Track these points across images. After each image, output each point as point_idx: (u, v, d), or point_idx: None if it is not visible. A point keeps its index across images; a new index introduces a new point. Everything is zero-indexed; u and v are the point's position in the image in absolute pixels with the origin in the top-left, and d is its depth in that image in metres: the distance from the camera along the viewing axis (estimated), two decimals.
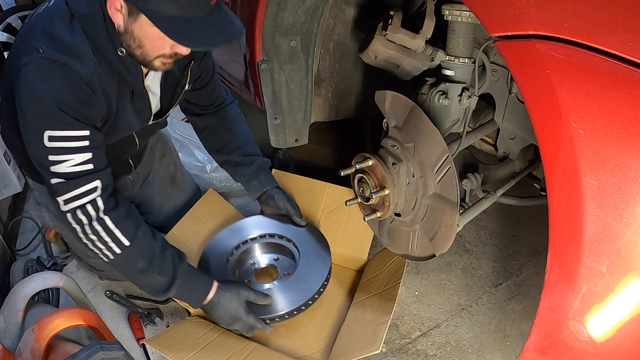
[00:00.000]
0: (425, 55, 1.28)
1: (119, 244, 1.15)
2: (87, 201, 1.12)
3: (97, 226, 1.13)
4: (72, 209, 1.12)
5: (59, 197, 1.11)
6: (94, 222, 1.13)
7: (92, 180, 1.12)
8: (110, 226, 1.14)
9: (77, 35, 1.09)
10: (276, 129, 1.64)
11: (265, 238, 1.61)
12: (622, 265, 0.74)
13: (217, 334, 1.37)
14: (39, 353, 1.04)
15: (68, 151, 1.09)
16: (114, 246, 1.15)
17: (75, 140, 1.09)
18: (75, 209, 1.12)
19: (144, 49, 1.13)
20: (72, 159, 1.09)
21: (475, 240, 1.89)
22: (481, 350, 1.48)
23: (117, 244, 1.15)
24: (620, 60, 0.71)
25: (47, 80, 1.07)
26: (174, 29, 1.04)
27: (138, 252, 1.18)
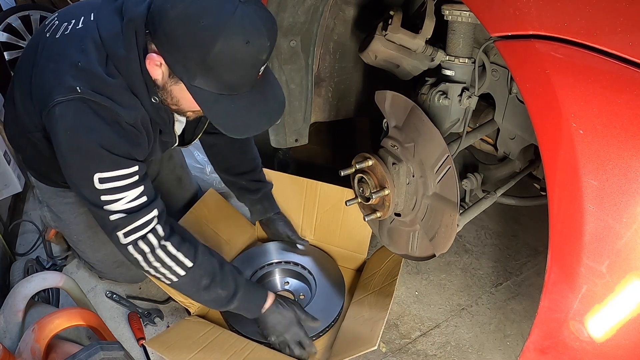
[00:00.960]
0: (425, 55, 1.28)
1: (183, 267, 1.17)
2: (148, 231, 1.12)
3: (160, 253, 1.14)
4: (133, 240, 1.12)
5: (119, 231, 1.11)
6: (157, 250, 1.14)
7: (150, 211, 1.12)
8: (172, 251, 1.15)
9: (116, 77, 1.06)
10: (276, 129, 1.64)
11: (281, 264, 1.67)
12: (622, 265, 0.74)
13: (217, 334, 1.37)
14: (39, 353, 1.04)
15: (121, 190, 1.08)
16: (178, 269, 1.17)
17: (125, 178, 1.08)
18: (136, 240, 1.12)
19: (180, 107, 1.13)
20: (126, 196, 1.09)
21: (475, 240, 1.89)
22: (481, 350, 1.48)
23: (182, 267, 1.17)
24: (620, 60, 0.71)
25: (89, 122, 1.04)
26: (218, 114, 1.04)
27: (201, 271, 1.20)
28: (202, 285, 1.21)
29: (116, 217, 1.09)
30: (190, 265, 1.17)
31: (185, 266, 1.17)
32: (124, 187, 1.08)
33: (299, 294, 1.61)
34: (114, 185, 1.07)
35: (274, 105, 1.11)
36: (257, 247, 1.74)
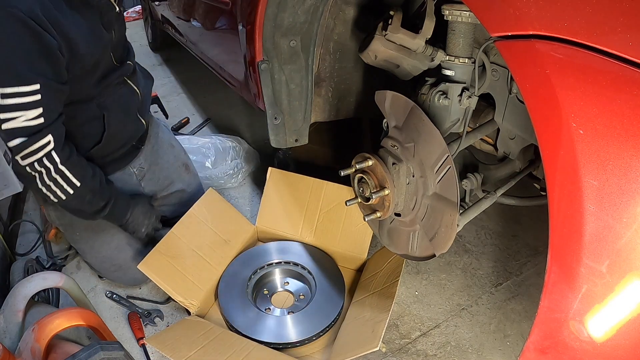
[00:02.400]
0: (425, 55, 1.28)
1: (72, 186, 1.29)
2: (44, 154, 1.20)
3: (54, 175, 1.24)
4: (30, 162, 1.20)
5: (17, 155, 1.18)
6: (53, 173, 1.24)
7: (45, 135, 1.18)
8: (66, 173, 1.26)
9: None
10: (276, 129, 1.64)
11: (281, 264, 1.68)
12: (622, 265, 0.74)
13: (217, 333, 1.37)
14: (39, 353, 1.04)
15: (19, 107, 1.12)
16: (68, 188, 1.28)
17: (26, 95, 1.12)
18: (33, 162, 1.20)
19: None
20: (23, 115, 1.13)
21: (475, 240, 1.89)
22: (481, 350, 1.48)
23: (71, 186, 1.28)
24: (620, 60, 0.71)
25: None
26: None
27: (87, 188, 1.33)
28: (87, 199, 1.35)
29: (15, 143, 1.15)
30: (79, 185, 1.29)
31: (75, 185, 1.28)
32: (24, 104, 1.12)
33: (299, 294, 1.61)
34: (14, 102, 1.11)
35: None
36: (257, 247, 1.74)
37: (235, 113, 2.89)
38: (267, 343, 1.38)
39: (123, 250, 1.59)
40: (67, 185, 1.27)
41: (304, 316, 1.47)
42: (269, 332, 1.42)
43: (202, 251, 1.60)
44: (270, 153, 2.22)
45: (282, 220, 1.78)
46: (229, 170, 2.18)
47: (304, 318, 1.46)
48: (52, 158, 1.21)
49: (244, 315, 1.47)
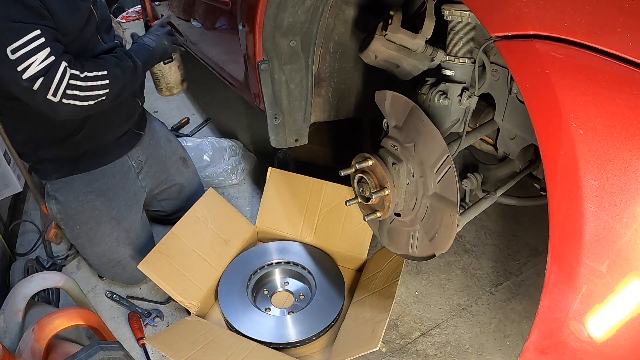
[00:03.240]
0: (425, 55, 1.28)
1: (104, 77, 1.36)
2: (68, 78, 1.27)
3: (87, 83, 1.32)
4: (62, 94, 1.27)
5: (48, 95, 1.25)
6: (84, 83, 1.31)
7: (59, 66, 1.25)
8: (91, 75, 1.32)
9: None
10: (276, 129, 1.64)
11: (281, 264, 1.68)
12: (622, 265, 0.74)
13: (217, 333, 1.37)
14: (39, 353, 1.04)
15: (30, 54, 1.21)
16: (104, 81, 1.35)
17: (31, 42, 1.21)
18: (64, 92, 1.27)
19: None
20: (36, 59, 1.22)
21: (475, 240, 1.89)
22: (481, 350, 1.48)
23: (103, 78, 1.35)
24: (620, 60, 0.71)
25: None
26: None
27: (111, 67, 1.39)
28: (119, 73, 1.41)
29: (38, 84, 1.23)
30: (106, 73, 1.36)
31: (104, 75, 1.36)
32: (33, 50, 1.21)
33: (299, 294, 1.61)
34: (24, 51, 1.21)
35: None
36: (257, 247, 1.74)
37: (235, 113, 2.89)
38: (267, 343, 1.38)
39: (122, 243, 1.59)
40: (101, 80, 1.35)
41: (304, 316, 1.47)
42: (269, 332, 1.42)
43: (202, 251, 1.60)
44: (270, 153, 2.22)
45: (282, 220, 1.78)
46: (227, 167, 2.19)
47: (304, 318, 1.46)
48: (74, 74, 1.28)
49: (244, 315, 1.47)
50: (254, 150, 2.48)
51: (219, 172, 2.18)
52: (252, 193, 2.19)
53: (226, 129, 2.72)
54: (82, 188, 1.56)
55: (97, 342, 1.02)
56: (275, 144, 1.69)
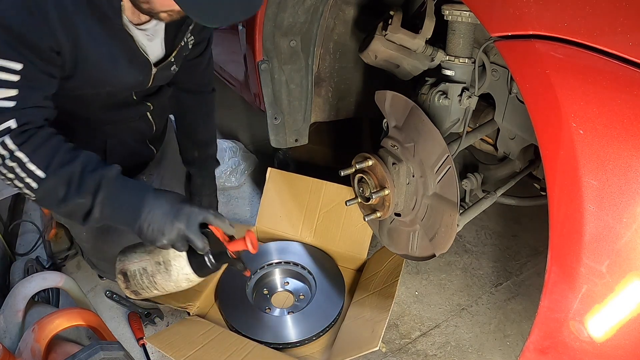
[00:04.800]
0: (425, 55, 1.28)
1: (35, 178, 1.02)
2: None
3: (10, 164, 1.00)
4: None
5: None
6: (7, 160, 1.00)
7: (7, 119, 0.98)
8: (24, 160, 1.00)
9: None
10: (276, 129, 1.64)
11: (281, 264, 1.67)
12: (622, 265, 0.74)
13: (217, 333, 1.37)
14: (39, 353, 1.04)
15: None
16: (30, 181, 1.02)
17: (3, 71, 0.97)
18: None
19: (152, 5, 1.03)
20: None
21: (475, 240, 1.89)
22: (481, 350, 1.48)
23: (34, 178, 1.02)
24: (620, 60, 0.71)
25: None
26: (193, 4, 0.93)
27: (55, 180, 1.03)
28: (59, 196, 1.03)
29: None
30: (43, 176, 1.01)
31: (38, 177, 1.01)
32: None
33: (299, 294, 1.61)
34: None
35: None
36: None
37: (235, 113, 2.88)
38: (267, 343, 1.38)
39: None
40: (29, 177, 1.01)
41: (304, 316, 1.47)
42: (269, 332, 1.42)
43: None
44: (270, 153, 2.22)
45: (282, 220, 1.78)
46: (228, 169, 2.19)
47: (304, 318, 1.46)
48: (5, 144, 0.99)
49: (244, 315, 1.47)
50: (254, 150, 2.48)
51: (219, 175, 2.17)
52: (252, 193, 2.19)
53: (226, 129, 2.71)
54: None
55: (97, 342, 1.02)
56: (275, 144, 1.69)
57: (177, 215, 1.05)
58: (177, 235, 1.04)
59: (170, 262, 1.10)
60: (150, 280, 1.13)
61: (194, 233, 1.05)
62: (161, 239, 1.04)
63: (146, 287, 1.15)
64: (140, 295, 1.18)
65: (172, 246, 1.06)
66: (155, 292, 1.16)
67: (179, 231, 1.04)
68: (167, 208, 1.05)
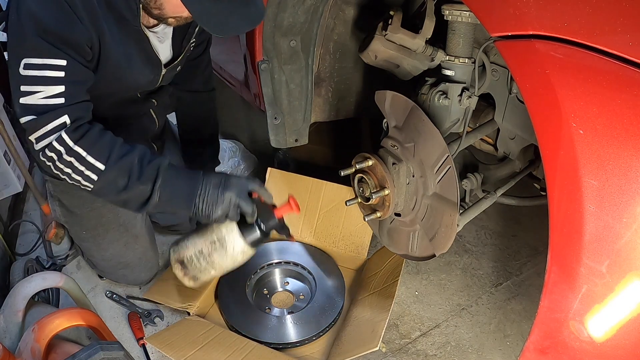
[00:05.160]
0: (425, 55, 1.28)
1: (95, 170, 1.08)
2: (55, 138, 1.05)
3: (69, 158, 1.07)
4: (42, 147, 1.07)
5: (30, 136, 1.06)
6: (65, 155, 1.07)
7: (61, 115, 1.05)
8: (82, 154, 1.07)
9: None
10: (276, 129, 1.64)
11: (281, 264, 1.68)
12: (622, 265, 0.74)
13: (217, 333, 1.37)
14: (39, 353, 1.04)
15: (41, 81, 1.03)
16: (90, 174, 1.08)
17: (50, 69, 1.03)
18: (44, 147, 1.07)
19: (163, 11, 1.11)
20: (43, 91, 1.03)
21: (475, 240, 1.89)
22: (481, 350, 1.48)
23: (93, 171, 1.08)
24: (620, 60, 0.71)
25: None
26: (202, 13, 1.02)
27: (116, 171, 1.10)
28: (120, 185, 1.10)
29: (26, 120, 1.04)
30: (103, 168, 1.08)
31: (98, 169, 1.08)
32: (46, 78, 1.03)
33: (299, 294, 1.61)
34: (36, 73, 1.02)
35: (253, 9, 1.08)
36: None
37: (235, 113, 2.88)
38: (267, 343, 1.38)
39: (131, 247, 1.58)
40: (89, 170, 1.07)
41: (304, 316, 1.47)
42: (269, 332, 1.42)
43: None
44: (270, 153, 2.22)
45: None
46: (227, 169, 2.19)
47: (304, 318, 1.46)
48: (63, 139, 1.05)
49: (244, 315, 1.47)
50: (254, 150, 2.48)
51: None
52: None
53: (226, 130, 2.71)
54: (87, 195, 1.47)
55: (97, 342, 1.02)
56: (275, 144, 1.69)
57: (227, 186, 1.14)
58: (229, 203, 1.13)
59: (224, 238, 1.17)
60: (208, 261, 1.19)
61: (244, 199, 1.14)
62: (216, 210, 1.12)
63: (204, 270, 1.20)
64: (199, 281, 1.23)
65: (226, 216, 1.14)
66: (213, 272, 1.21)
67: (230, 199, 1.13)
68: (217, 181, 1.14)
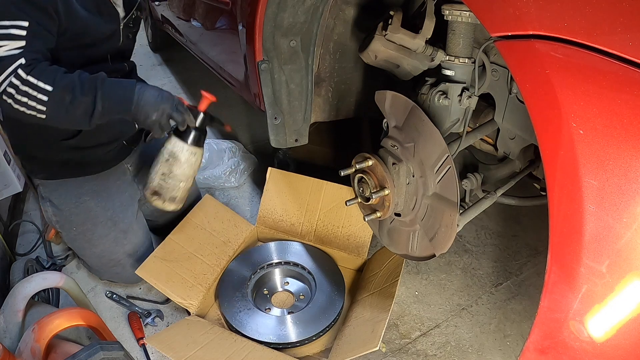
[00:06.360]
0: (425, 55, 1.28)
1: (45, 92, 1.18)
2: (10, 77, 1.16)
3: (24, 88, 1.17)
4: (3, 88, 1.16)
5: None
6: (21, 86, 1.17)
7: (18, 58, 1.16)
8: (33, 81, 1.17)
9: None
10: (276, 129, 1.64)
11: (281, 264, 1.68)
12: (622, 265, 0.74)
13: (218, 333, 1.37)
14: (39, 353, 1.04)
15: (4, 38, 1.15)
16: (42, 97, 1.18)
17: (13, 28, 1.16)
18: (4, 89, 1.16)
19: None
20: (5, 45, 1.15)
21: (475, 240, 1.89)
22: (481, 350, 1.48)
23: (44, 93, 1.18)
24: (620, 60, 0.71)
25: None
26: None
27: (61, 89, 1.20)
28: (67, 101, 1.20)
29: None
30: (50, 89, 1.19)
31: (46, 90, 1.18)
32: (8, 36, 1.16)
33: (299, 294, 1.61)
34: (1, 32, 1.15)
35: None
36: (257, 247, 1.74)
37: (235, 113, 2.89)
38: (267, 343, 1.38)
39: (120, 244, 1.59)
40: (40, 93, 1.18)
41: (304, 316, 1.47)
42: (269, 332, 1.42)
43: (200, 253, 1.60)
44: (270, 153, 2.22)
45: (282, 220, 1.78)
46: (227, 169, 2.19)
47: (304, 318, 1.46)
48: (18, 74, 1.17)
49: (244, 315, 1.47)
50: (254, 150, 2.48)
51: (218, 175, 2.17)
52: (252, 193, 2.19)
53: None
54: (75, 190, 1.54)
55: (97, 342, 1.02)
56: (275, 144, 1.69)
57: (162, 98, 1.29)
58: (162, 113, 1.28)
59: (172, 151, 1.33)
60: (172, 177, 1.34)
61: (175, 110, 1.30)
62: (152, 114, 1.27)
63: (174, 186, 1.35)
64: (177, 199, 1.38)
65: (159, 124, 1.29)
66: (183, 184, 1.36)
67: (164, 110, 1.28)
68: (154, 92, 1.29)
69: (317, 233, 1.73)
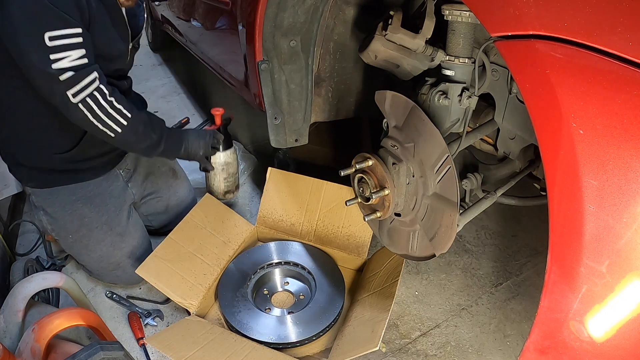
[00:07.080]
0: (425, 55, 1.28)
1: (124, 117, 1.36)
2: (94, 89, 1.28)
3: (105, 105, 1.31)
4: (82, 99, 1.27)
5: (68, 91, 1.25)
6: (103, 102, 1.31)
7: (92, 72, 1.28)
8: (116, 105, 1.34)
9: None
10: (276, 129, 1.65)
11: (281, 264, 1.68)
12: (622, 265, 0.74)
13: (217, 333, 1.37)
14: (39, 353, 1.04)
15: (67, 48, 1.22)
16: (121, 119, 1.35)
17: (71, 37, 1.23)
18: (85, 98, 1.28)
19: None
20: (71, 55, 1.23)
21: (475, 240, 1.90)
22: (481, 350, 1.48)
23: (123, 117, 1.36)
24: (620, 60, 0.71)
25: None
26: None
27: (137, 119, 1.40)
28: (140, 131, 1.42)
29: (66, 77, 1.23)
30: (130, 115, 1.37)
31: (126, 116, 1.36)
32: (70, 45, 1.23)
33: (299, 294, 1.61)
34: (62, 42, 1.21)
35: None
36: (257, 247, 1.74)
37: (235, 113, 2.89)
38: (267, 343, 1.38)
39: (117, 247, 1.59)
40: (119, 115, 1.34)
41: (304, 316, 1.47)
42: (269, 332, 1.42)
43: (200, 253, 1.60)
44: (270, 153, 2.22)
45: (282, 220, 1.78)
46: None
47: (304, 318, 1.47)
48: (101, 89, 1.30)
49: (244, 315, 1.47)
50: (254, 150, 2.48)
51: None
52: (252, 193, 2.19)
53: None
54: (67, 197, 1.53)
55: (97, 342, 1.02)
56: (275, 144, 1.69)
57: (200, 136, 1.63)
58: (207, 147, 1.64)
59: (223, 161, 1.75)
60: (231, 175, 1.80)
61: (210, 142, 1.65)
62: (199, 150, 1.62)
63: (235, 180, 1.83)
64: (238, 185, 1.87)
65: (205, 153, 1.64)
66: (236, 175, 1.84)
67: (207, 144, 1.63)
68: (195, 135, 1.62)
69: (317, 233, 1.73)
